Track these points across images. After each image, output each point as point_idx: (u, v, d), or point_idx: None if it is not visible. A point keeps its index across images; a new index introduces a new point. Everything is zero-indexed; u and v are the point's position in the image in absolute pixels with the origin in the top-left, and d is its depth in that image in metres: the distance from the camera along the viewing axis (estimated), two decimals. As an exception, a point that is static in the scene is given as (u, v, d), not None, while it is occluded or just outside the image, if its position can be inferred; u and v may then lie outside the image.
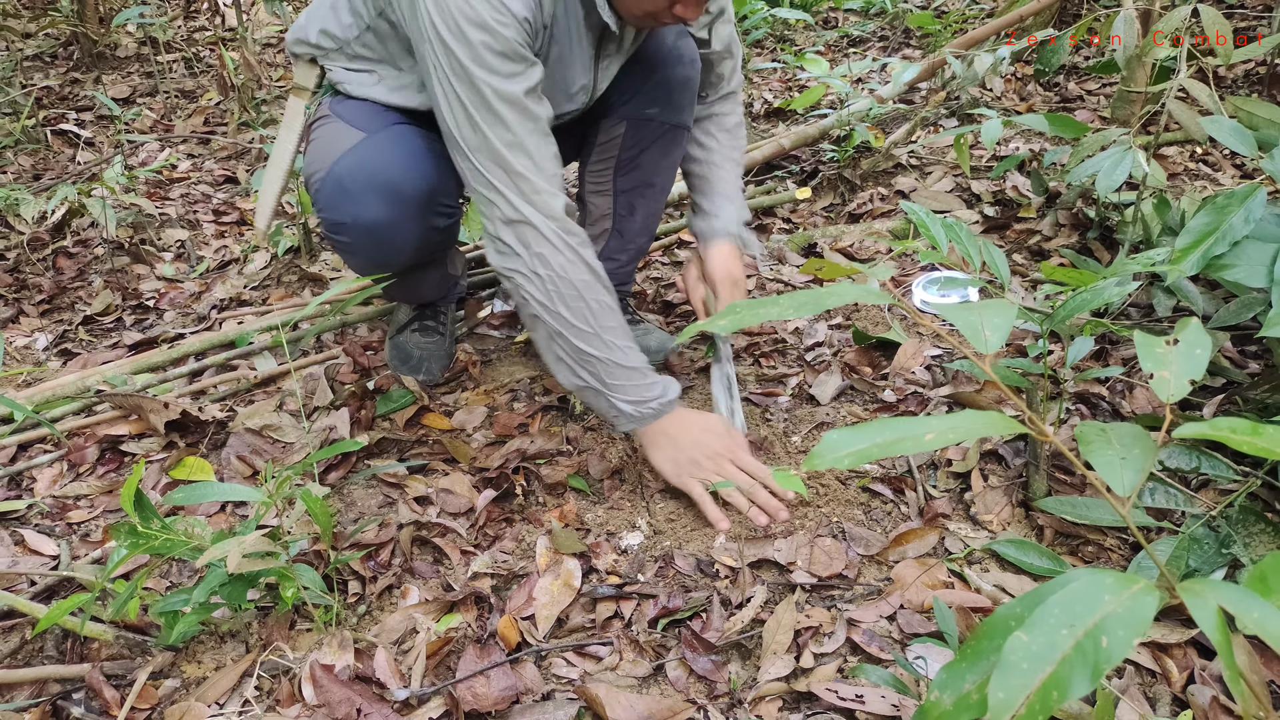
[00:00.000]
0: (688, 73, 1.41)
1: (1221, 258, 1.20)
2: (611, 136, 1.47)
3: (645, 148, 1.46)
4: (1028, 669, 0.44)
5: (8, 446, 1.49)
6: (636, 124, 1.44)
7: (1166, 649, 0.98)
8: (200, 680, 1.05)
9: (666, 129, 1.44)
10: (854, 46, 3.50)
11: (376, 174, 1.26)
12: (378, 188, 1.26)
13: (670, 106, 1.42)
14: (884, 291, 0.57)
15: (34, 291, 2.06)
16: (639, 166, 1.48)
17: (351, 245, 1.31)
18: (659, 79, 1.40)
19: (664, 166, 1.49)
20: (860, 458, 0.52)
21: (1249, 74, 2.58)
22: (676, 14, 1.14)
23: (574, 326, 1.17)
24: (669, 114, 1.43)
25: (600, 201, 1.54)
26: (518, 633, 1.08)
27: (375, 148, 1.27)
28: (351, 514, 1.31)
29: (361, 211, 1.26)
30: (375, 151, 1.27)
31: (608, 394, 1.21)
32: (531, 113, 1.14)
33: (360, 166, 1.26)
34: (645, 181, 1.50)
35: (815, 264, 0.69)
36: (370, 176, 1.26)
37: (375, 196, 1.26)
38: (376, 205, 1.26)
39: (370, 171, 1.26)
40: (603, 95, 1.41)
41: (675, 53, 1.40)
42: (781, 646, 1.03)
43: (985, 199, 2.10)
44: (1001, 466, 1.28)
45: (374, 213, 1.26)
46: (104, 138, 2.96)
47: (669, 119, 1.44)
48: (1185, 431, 0.56)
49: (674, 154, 1.48)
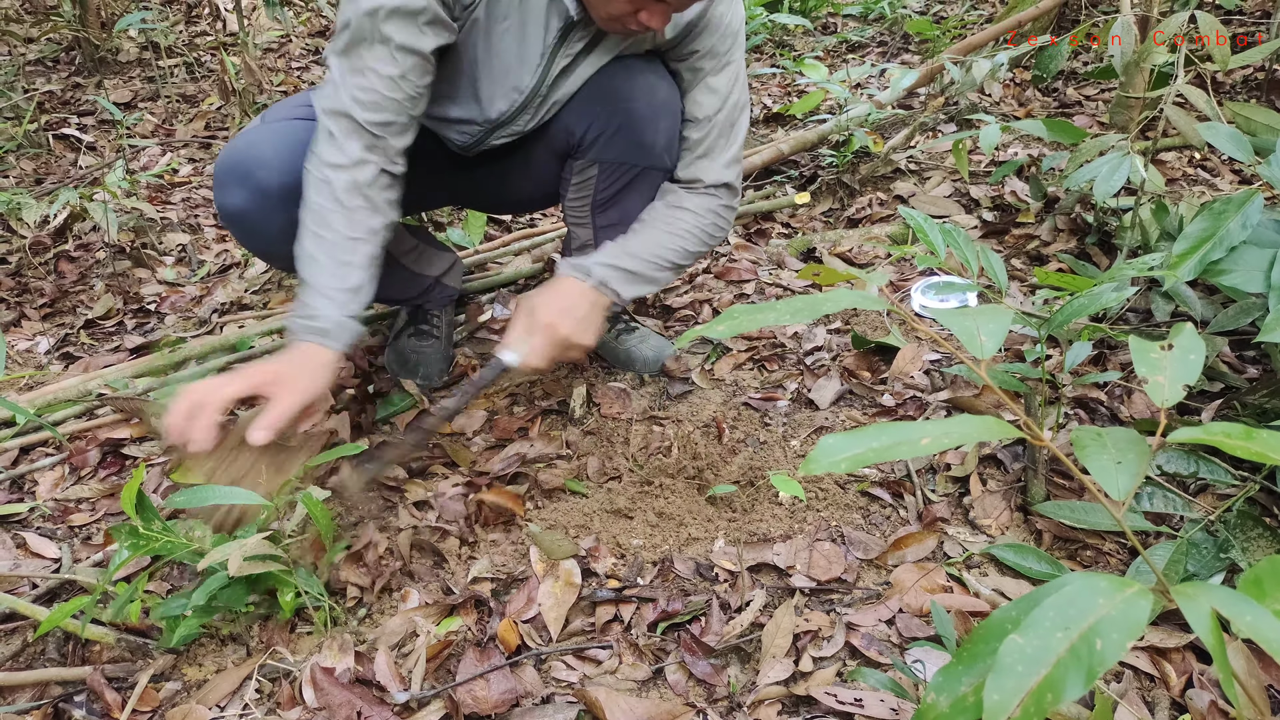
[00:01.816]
0: (660, 110, 1.30)
1: (1218, 263, 1.21)
2: (585, 178, 1.38)
3: (620, 189, 1.37)
4: (1022, 672, 0.44)
5: (10, 450, 1.49)
6: (609, 168, 1.35)
7: (1165, 653, 0.99)
8: (201, 683, 1.05)
9: (639, 171, 1.35)
10: (853, 52, 3.51)
11: (239, 163, 1.26)
12: (238, 177, 1.26)
13: (641, 149, 1.32)
14: (880, 298, 0.58)
15: (36, 295, 2.06)
16: (618, 205, 1.39)
17: (229, 230, 1.34)
18: (627, 114, 1.29)
19: (643, 206, 1.38)
20: (856, 462, 0.52)
21: (1248, 79, 2.58)
22: (641, 20, 1.10)
23: (312, 211, 1.17)
24: (640, 156, 1.33)
25: (581, 232, 1.47)
26: (517, 636, 1.08)
27: (254, 137, 1.28)
28: (352, 517, 1.31)
29: (225, 199, 1.27)
30: (250, 141, 1.27)
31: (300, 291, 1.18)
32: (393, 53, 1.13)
33: (231, 154, 1.27)
34: (623, 220, 1.39)
35: (812, 269, 0.70)
36: (234, 165, 1.26)
37: (235, 186, 1.26)
38: (236, 194, 1.27)
39: (235, 160, 1.26)
40: (569, 127, 1.33)
41: (648, 87, 1.29)
42: (780, 650, 1.03)
43: (984, 204, 2.11)
44: (1000, 471, 1.28)
45: (234, 200, 1.27)
46: (105, 142, 2.96)
47: (641, 162, 1.33)
48: (1180, 436, 0.57)
49: (651, 195, 1.38)
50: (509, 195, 1.56)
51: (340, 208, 1.16)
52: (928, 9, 3.76)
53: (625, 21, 1.12)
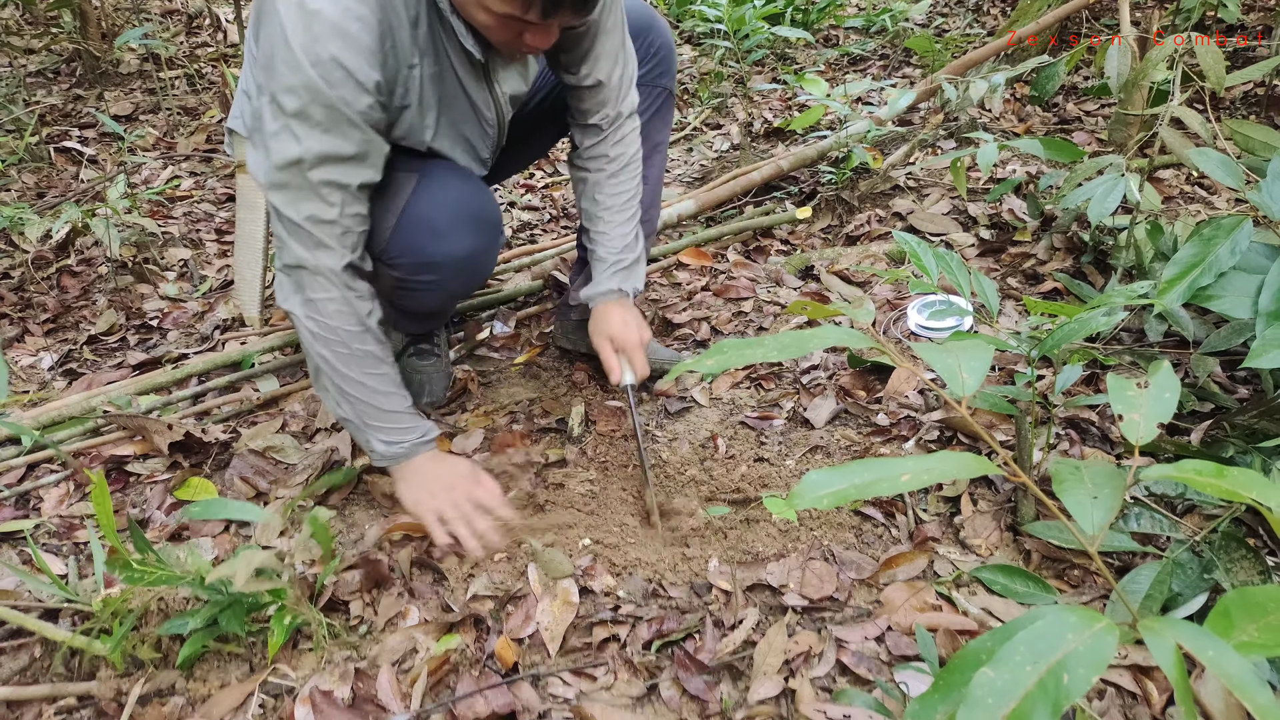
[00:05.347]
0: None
1: (1207, 289, 1.23)
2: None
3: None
4: (992, 704, 0.46)
5: (16, 467, 1.51)
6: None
7: (1148, 671, 1.00)
8: (205, 698, 1.07)
9: (662, 94, 1.54)
10: (854, 65, 3.53)
11: (459, 206, 1.27)
12: (464, 219, 1.28)
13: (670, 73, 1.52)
14: (865, 335, 0.60)
15: (38, 310, 2.08)
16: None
17: (436, 283, 1.32)
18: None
19: (658, 131, 1.56)
20: (838, 498, 0.54)
21: (1247, 95, 2.60)
22: (528, 44, 1.14)
23: (338, 370, 1.21)
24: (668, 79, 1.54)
25: None
26: (515, 653, 1.10)
27: (441, 183, 1.28)
28: (353, 535, 1.33)
29: (454, 247, 1.28)
30: (444, 186, 1.28)
31: (364, 431, 1.27)
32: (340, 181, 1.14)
33: (438, 203, 1.26)
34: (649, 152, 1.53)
35: (800, 305, 0.72)
36: (453, 210, 1.27)
37: (465, 228, 1.28)
38: (469, 237, 1.29)
39: (451, 205, 1.27)
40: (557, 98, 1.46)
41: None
42: (772, 668, 1.05)
43: (981, 222, 2.13)
44: (991, 491, 1.30)
45: (467, 245, 1.29)
46: (107, 155, 2.99)
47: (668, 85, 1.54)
48: (1153, 474, 0.59)
49: (667, 115, 1.57)
50: (531, 157, 1.75)
51: (367, 346, 1.23)
52: (930, 22, 3.78)
53: (514, 45, 1.16)
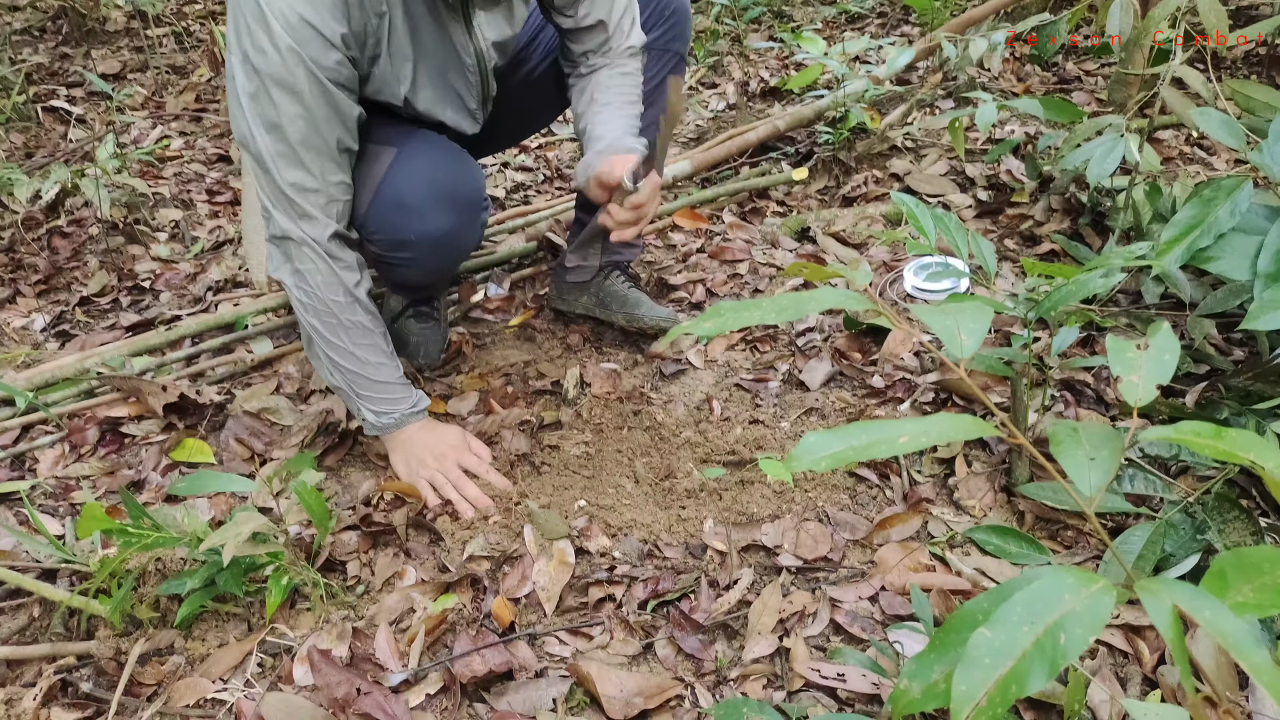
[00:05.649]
0: None
1: (1206, 250, 1.22)
2: None
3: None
4: (989, 664, 0.46)
5: (11, 428, 1.50)
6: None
7: (1139, 631, 1.02)
8: (204, 657, 1.08)
9: (673, 59, 1.49)
10: (852, 23, 3.47)
11: (435, 184, 1.23)
12: (438, 197, 1.23)
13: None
14: (864, 297, 0.59)
15: (30, 272, 2.06)
16: None
17: (413, 260, 1.29)
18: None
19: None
20: (836, 460, 0.54)
21: (1249, 54, 2.56)
22: None
23: (328, 340, 1.22)
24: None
25: None
26: (512, 613, 1.11)
27: (419, 158, 1.23)
28: (348, 496, 1.34)
29: (426, 225, 1.23)
30: (422, 162, 1.23)
31: (356, 401, 1.28)
32: None
33: (413, 179, 1.22)
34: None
35: (798, 267, 0.71)
36: (429, 187, 1.22)
37: (439, 207, 1.24)
38: (442, 215, 1.24)
39: (427, 182, 1.22)
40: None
41: None
42: (767, 627, 1.06)
43: (979, 183, 2.10)
44: (985, 452, 1.31)
45: (439, 223, 1.24)
46: (95, 114, 2.93)
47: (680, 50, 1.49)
48: (1151, 435, 0.58)
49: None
50: (533, 125, 1.71)
51: (355, 317, 1.22)
52: (928, -21, 3.70)
53: None
